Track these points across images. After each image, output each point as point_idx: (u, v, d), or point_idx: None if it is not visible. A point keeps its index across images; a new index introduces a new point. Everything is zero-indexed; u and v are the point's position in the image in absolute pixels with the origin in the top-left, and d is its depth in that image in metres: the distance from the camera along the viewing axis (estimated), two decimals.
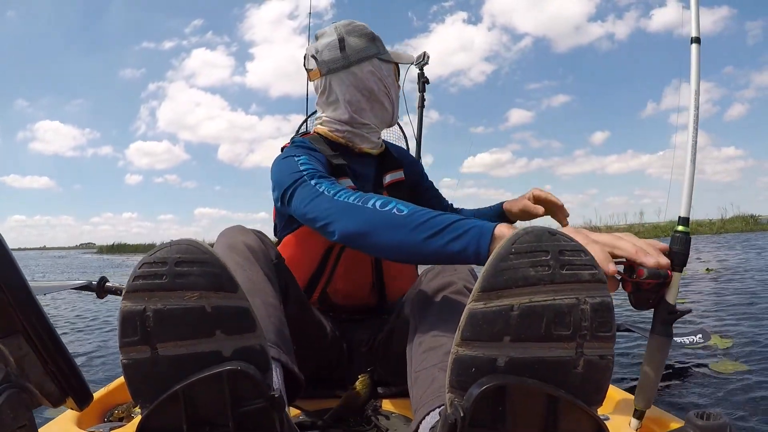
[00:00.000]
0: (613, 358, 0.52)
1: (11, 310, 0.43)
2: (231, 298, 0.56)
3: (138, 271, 0.55)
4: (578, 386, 0.51)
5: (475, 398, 0.50)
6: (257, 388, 0.56)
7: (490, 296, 0.51)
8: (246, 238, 0.86)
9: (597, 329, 0.50)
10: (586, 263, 0.51)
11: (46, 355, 0.45)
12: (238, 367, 0.55)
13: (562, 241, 0.52)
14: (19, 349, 0.44)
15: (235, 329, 0.57)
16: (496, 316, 0.50)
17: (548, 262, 0.51)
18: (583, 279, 0.51)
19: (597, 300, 0.51)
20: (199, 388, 0.55)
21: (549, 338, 0.50)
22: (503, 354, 0.51)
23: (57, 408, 0.50)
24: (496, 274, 0.51)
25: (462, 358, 0.52)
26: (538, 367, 0.51)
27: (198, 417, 0.56)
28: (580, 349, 0.50)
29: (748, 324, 2.39)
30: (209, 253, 0.56)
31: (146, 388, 0.55)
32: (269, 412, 0.57)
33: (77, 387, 0.49)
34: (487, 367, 0.51)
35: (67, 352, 0.47)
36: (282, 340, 0.78)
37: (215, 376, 0.55)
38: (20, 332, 0.44)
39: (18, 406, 0.42)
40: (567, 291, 0.50)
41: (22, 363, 0.44)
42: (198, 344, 0.55)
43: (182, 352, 0.55)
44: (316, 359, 1.03)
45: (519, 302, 0.50)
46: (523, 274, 0.51)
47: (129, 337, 0.54)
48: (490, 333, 0.51)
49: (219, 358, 0.56)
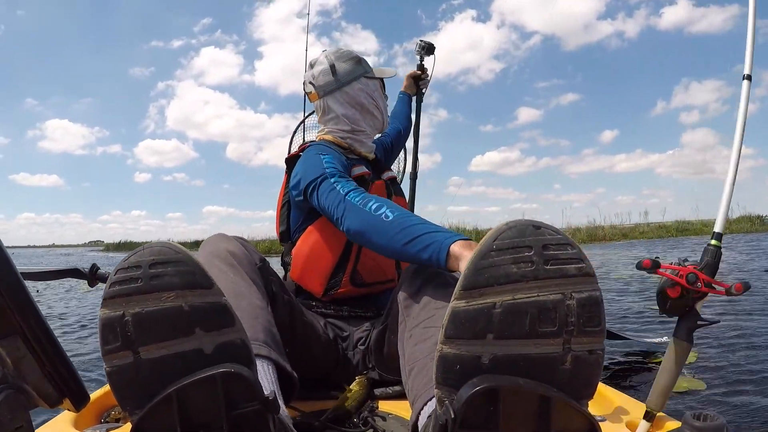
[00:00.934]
0: (603, 352, 0.51)
1: (8, 311, 0.43)
2: (207, 295, 0.57)
3: (114, 277, 0.55)
4: (567, 382, 0.51)
5: (465, 401, 0.49)
6: (251, 390, 0.56)
7: (472, 294, 0.51)
8: (228, 245, 0.91)
9: (584, 324, 0.50)
10: (573, 257, 0.50)
11: (43, 356, 0.46)
12: (232, 370, 0.55)
13: (546, 235, 0.51)
14: (17, 351, 0.44)
15: (213, 325, 0.57)
16: (478, 314, 0.50)
17: (531, 257, 0.50)
18: (569, 273, 0.50)
19: (584, 294, 0.50)
20: (193, 390, 0.55)
21: (534, 335, 0.50)
22: (487, 352, 0.50)
23: (54, 409, 0.50)
24: (477, 272, 0.51)
25: (446, 356, 0.52)
26: (523, 364, 0.50)
27: (191, 420, 0.56)
28: (568, 345, 0.50)
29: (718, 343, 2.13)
30: (182, 253, 0.57)
31: (132, 394, 0.55)
32: (263, 414, 0.57)
33: (74, 388, 0.49)
34: (471, 365, 0.51)
35: (64, 354, 0.48)
36: (272, 339, 0.80)
37: (208, 379, 0.55)
38: (17, 333, 0.44)
39: (15, 407, 0.42)
40: (551, 287, 0.50)
41: (19, 364, 0.45)
42: (179, 344, 0.56)
43: (164, 353, 0.55)
44: (310, 360, 1.04)
45: (501, 300, 0.50)
46: (505, 271, 0.50)
47: (110, 344, 0.54)
48: (473, 331, 0.50)
49: (201, 356, 0.56)
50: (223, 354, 0.57)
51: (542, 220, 0.54)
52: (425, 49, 1.84)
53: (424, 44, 1.83)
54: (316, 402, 0.99)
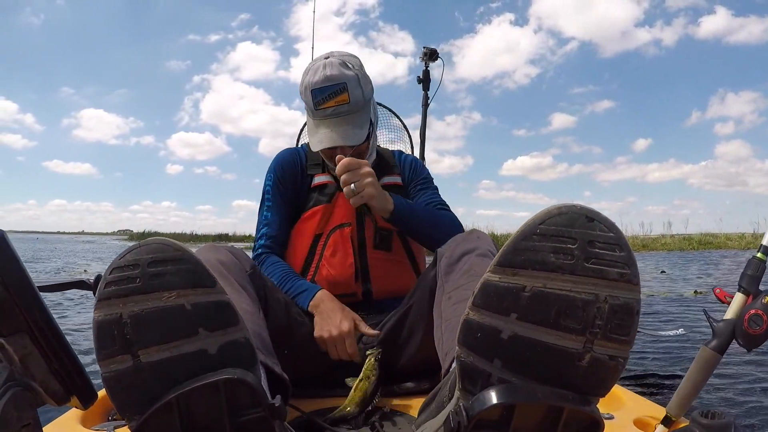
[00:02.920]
0: (626, 361, 0.50)
1: (16, 308, 0.43)
2: (211, 294, 0.56)
3: (109, 277, 0.53)
4: (581, 378, 0.50)
5: (477, 412, 0.50)
6: (255, 396, 0.55)
7: (506, 272, 0.51)
8: (218, 255, 0.93)
9: (612, 330, 0.49)
10: (618, 260, 0.49)
11: (51, 353, 0.46)
12: (235, 376, 0.53)
13: (597, 230, 0.49)
14: (24, 348, 0.44)
15: (218, 325, 0.56)
16: (507, 292, 0.51)
17: (573, 251, 0.49)
18: (609, 276, 0.49)
19: (620, 301, 0.48)
20: (194, 397, 0.53)
21: (556, 327, 0.50)
22: (508, 329, 0.51)
23: (61, 407, 0.49)
24: (516, 252, 0.51)
25: (471, 322, 0.53)
26: (541, 350, 0.50)
27: (194, 426, 0.54)
28: (589, 345, 0.49)
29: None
30: (182, 250, 0.55)
31: (132, 400, 0.53)
32: (269, 421, 0.56)
33: (82, 386, 0.49)
34: (491, 337, 0.52)
35: (71, 351, 0.48)
36: (262, 343, 0.82)
37: (211, 386, 0.53)
38: (25, 331, 0.44)
39: (22, 405, 0.42)
40: (587, 285, 0.49)
41: (27, 361, 0.45)
42: (182, 345, 0.54)
43: (166, 355, 0.53)
44: (309, 359, 1.05)
45: (532, 285, 0.50)
46: (543, 258, 0.50)
47: (108, 348, 0.52)
48: (498, 306, 0.51)
49: (205, 357, 0.55)
50: (227, 353, 0.56)
51: None
52: (428, 55, 1.88)
53: (427, 50, 1.87)
54: (316, 400, 0.99)
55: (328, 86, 1.11)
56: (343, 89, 1.11)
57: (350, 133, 1.13)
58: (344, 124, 1.13)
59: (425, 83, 2.11)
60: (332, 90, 1.11)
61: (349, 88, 1.11)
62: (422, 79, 2.11)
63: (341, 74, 1.11)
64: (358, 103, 1.13)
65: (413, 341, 1.03)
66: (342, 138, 1.12)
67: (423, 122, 1.87)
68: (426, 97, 2.12)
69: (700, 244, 13.17)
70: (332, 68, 1.11)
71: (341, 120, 1.13)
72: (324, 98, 1.12)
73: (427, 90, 2.12)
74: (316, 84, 1.11)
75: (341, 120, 1.13)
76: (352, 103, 1.12)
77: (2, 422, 0.40)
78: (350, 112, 1.13)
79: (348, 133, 1.13)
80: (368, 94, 1.18)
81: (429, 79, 2.12)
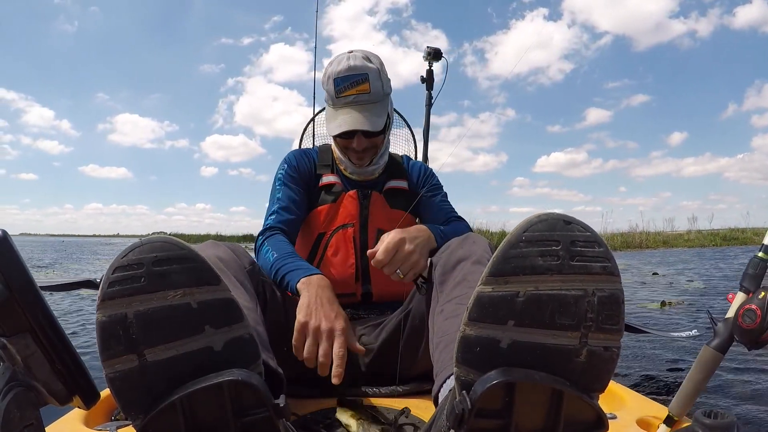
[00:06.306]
0: (619, 351, 0.54)
1: (18, 309, 0.44)
2: (216, 291, 0.57)
3: (112, 276, 0.53)
4: (580, 374, 0.53)
5: (481, 393, 0.51)
6: (259, 397, 0.55)
7: (498, 281, 0.53)
8: (217, 251, 0.94)
9: (603, 321, 0.52)
10: (599, 255, 0.52)
11: (53, 353, 0.46)
12: (240, 378, 0.54)
13: (576, 231, 0.53)
14: (26, 348, 0.45)
15: (223, 321, 0.57)
16: (501, 300, 0.53)
17: (558, 252, 0.52)
18: (593, 271, 0.52)
19: (606, 293, 0.52)
20: (199, 397, 0.54)
21: (552, 326, 0.52)
22: (506, 337, 0.53)
23: (64, 407, 0.50)
24: (505, 260, 0.53)
25: (468, 338, 0.54)
26: (540, 352, 0.53)
27: (198, 426, 0.55)
28: (585, 340, 0.52)
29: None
30: (187, 249, 0.56)
31: (137, 399, 0.54)
32: (273, 421, 0.56)
33: (84, 386, 0.49)
34: (491, 349, 0.53)
35: (74, 351, 0.48)
36: (259, 338, 0.81)
37: (215, 387, 0.54)
38: (27, 331, 0.45)
39: (25, 405, 0.43)
40: (575, 282, 0.52)
41: (29, 362, 0.45)
42: (188, 343, 0.55)
43: (172, 354, 0.54)
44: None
45: (525, 289, 0.52)
46: (531, 262, 0.53)
47: (112, 348, 0.52)
48: (495, 316, 0.53)
49: (211, 354, 0.56)
50: (232, 350, 0.57)
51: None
52: (431, 54, 1.89)
53: (431, 50, 1.87)
54: (314, 400, 1.00)
55: (351, 75, 1.16)
56: (365, 79, 1.17)
57: (369, 120, 1.17)
58: (364, 111, 1.18)
59: (429, 83, 2.13)
60: (354, 79, 1.17)
61: (371, 79, 1.17)
62: (426, 78, 2.12)
63: (363, 65, 1.17)
64: (378, 93, 1.19)
65: (413, 345, 1.04)
66: (361, 123, 1.16)
67: (426, 122, 1.87)
68: (429, 97, 2.12)
69: (724, 240, 12.91)
70: (355, 60, 1.17)
71: (361, 107, 1.18)
72: (346, 86, 1.17)
73: (430, 89, 2.13)
74: (340, 73, 1.17)
75: (361, 107, 1.18)
76: (373, 93, 1.18)
77: (5, 422, 0.40)
78: (370, 101, 1.18)
79: (367, 119, 1.17)
80: (387, 88, 1.23)
81: (432, 78, 2.12)
